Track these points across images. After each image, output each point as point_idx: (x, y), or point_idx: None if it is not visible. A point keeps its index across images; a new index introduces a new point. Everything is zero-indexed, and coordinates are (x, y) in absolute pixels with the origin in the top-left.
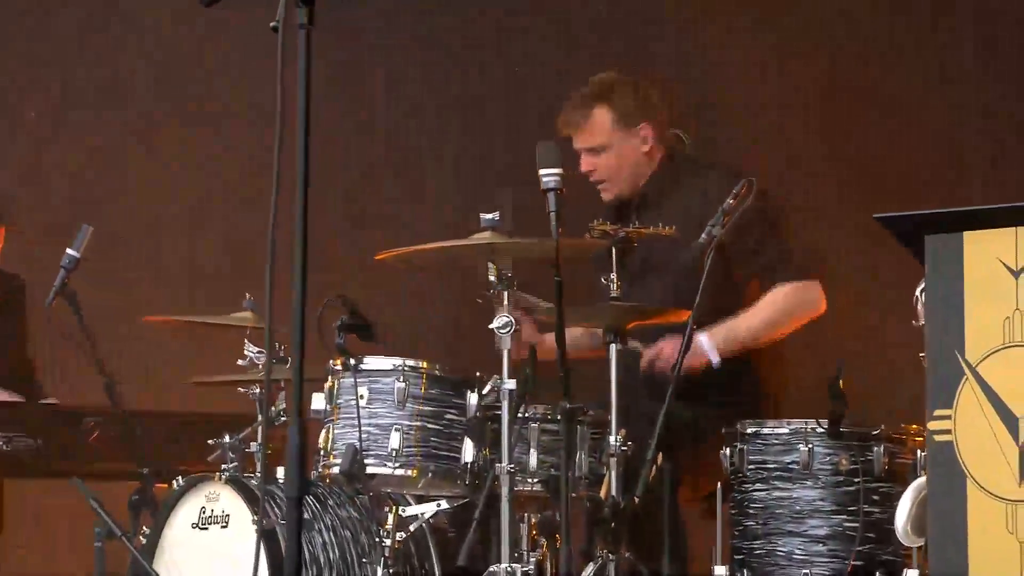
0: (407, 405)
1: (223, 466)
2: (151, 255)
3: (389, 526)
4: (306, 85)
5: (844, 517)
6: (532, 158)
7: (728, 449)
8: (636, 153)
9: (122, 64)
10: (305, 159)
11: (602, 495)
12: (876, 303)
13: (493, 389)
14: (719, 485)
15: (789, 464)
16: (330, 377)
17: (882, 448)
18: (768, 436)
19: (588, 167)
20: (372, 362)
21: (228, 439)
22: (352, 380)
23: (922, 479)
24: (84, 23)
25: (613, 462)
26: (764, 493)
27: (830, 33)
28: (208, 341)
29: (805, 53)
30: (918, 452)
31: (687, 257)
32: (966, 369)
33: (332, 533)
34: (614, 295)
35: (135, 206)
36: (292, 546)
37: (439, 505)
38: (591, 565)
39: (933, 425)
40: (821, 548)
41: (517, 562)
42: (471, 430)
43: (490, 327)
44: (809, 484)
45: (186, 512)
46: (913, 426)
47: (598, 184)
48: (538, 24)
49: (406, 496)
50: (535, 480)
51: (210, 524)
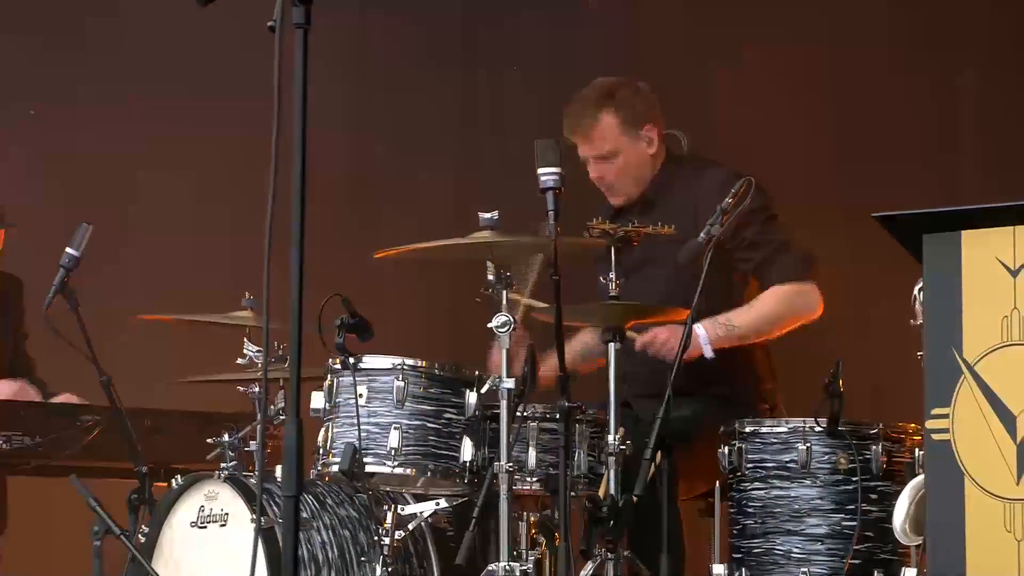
0: (406, 404)
1: (222, 465)
2: (151, 254)
3: (388, 525)
4: (304, 85)
5: (842, 516)
6: (530, 158)
7: (726, 448)
8: (644, 155)
9: (122, 63)
10: (303, 159)
11: (601, 494)
12: (874, 302)
13: (492, 387)
14: (717, 484)
15: (787, 463)
16: (329, 376)
17: (880, 447)
18: (766, 435)
19: (598, 174)
20: (371, 361)
21: (227, 438)
22: (351, 379)
23: (920, 478)
24: (84, 21)
25: (612, 461)
26: (762, 492)
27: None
28: (207, 340)
29: (805, 53)
30: (916, 451)
31: (686, 256)
32: (964, 368)
33: (331, 532)
34: (613, 294)
35: (135, 205)
36: (289, 544)
37: (438, 504)
38: (590, 564)
39: (931, 424)
40: (819, 547)
41: (516, 561)
42: (470, 429)
43: (489, 326)
44: (807, 483)
45: (185, 511)
46: (911, 425)
47: (606, 190)
48: (533, 25)
49: (405, 495)
50: (534, 479)
51: (209, 523)
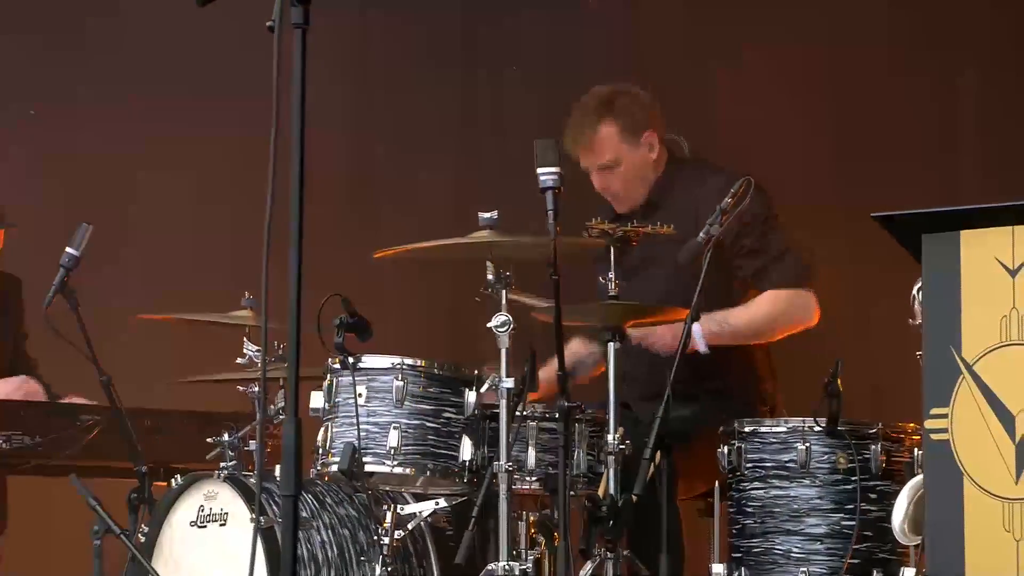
0: (405, 403)
1: (222, 464)
2: (151, 254)
3: (387, 524)
4: (302, 85)
5: (841, 515)
6: (530, 158)
7: (726, 448)
8: (646, 161)
9: (122, 63)
10: (301, 159)
11: (600, 493)
12: (874, 302)
13: (491, 387)
14: (717, 484)
15: (787, 463)
16: (328, 375)
17: (879, 446)
18: (766, 435)
19: (603, 184)
20: (370, 360)
21: (227, 437)
22: (351, 378)
23: (919, 477)
24: (84, 21)
25: (611, 460)
26: (762, 491)
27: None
28: (207, 340)
29: (805, 53)
30: (915, 450)
31: (685, 255)
32: (963, 368)
33: (331, 531)
34: (612, 294)
35: (135, 205)
36: (288, 543)
37: (437, 503)
38: (589, 563)
39: (930, 423)
40: (818, 546)
41: (515, 560)
42: (469, 428)
43: (488, 325)
44: (806, 482)
45: (185, 510)
46: (910, 424)
47: (613, 199)
48: (533, 25)
49: (404, 494)
50: (533, 478)
51: (209, 522)
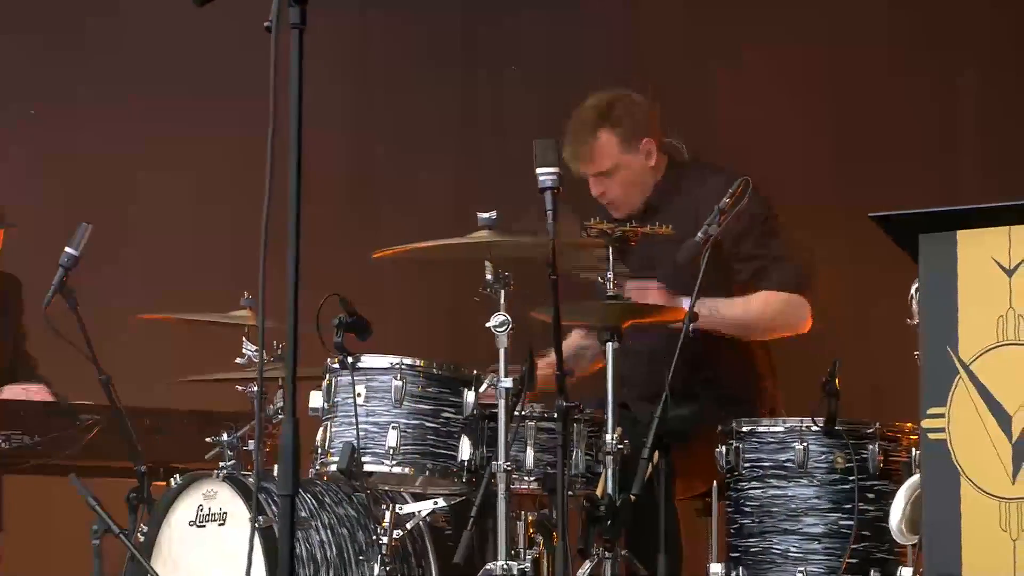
0: (404, 403)
1: (221, 464)
2: (151, 254)
3: (386, 524)
4: (299, 85)
5: (839, 515)
6: (530, 158)
7: (724, 447)
8: (644, 169)
9: (122, 63)
10: (299, 159)
11: (598, 493)
12: (874, 302)
13: (490, 387)
14: (715, 483)
15: (784, 462)
16: (328, 375)
17: (877, 446)
18: (763, 434)
19: (600, 190)
20: (369, 360)
21: (226, 437)
22: (350, 378)
23: (916, 477)
24: (84, 21)
25: (609, 460)
26: (760, 491)
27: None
28: (207, 339)
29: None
30: (913, 450)
31: (683, 255)
32: (960, 367)
33: (329, 531)
34: (611, 294)
35: (135, 205)
36: (286, 543)
37: (436, 503)
38: (587, 563)
39: (927, 423)
40: (816, 546)
41: (514, 560)
42: (468, 428)
43: (487, 325)
44: (804, 482)
45: (184, 510)
46: (908, 424)
47: (608, 205)
48: (533, 25)
49: (403, 494)
50: (532, 478)
51: (208, 522)
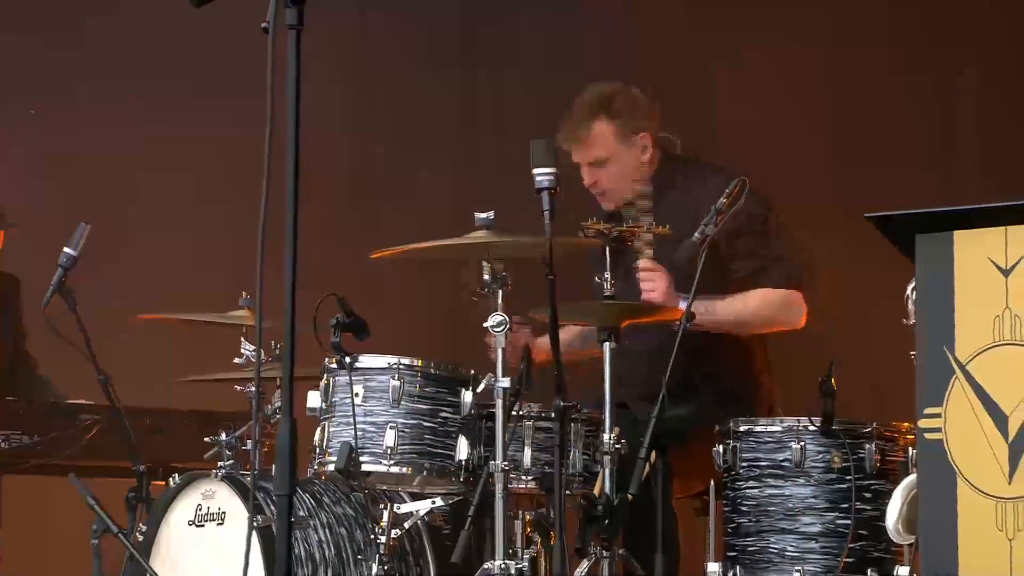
0: (402, 403)
1: (219, 463)
2: (151, 254)
3: (384, 523)
4: (296, 86)
5: (836, 514)
6: (526, 157)
7: (721, 447)
8: (637, 162)
9: (122, 63)
10: (296, 161)
11: (596, 492)
12: (874, 302)
13: (487, 387)
14: (712, 483)
15: (782, 462)
16: (325, 375)
17: (874, 446)
18: (761, 434)
19: (591, 180)
20: (367, 360)
21: (224, 437)
22: (347, 378)
23: (913, 477)
24: (84, 21)
25: (607, 459)
26: (757, 491)
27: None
28: (207, 339)
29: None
30: (909, 450)
31: (681, 255)
32: (956, 367)
33: (328, 530)
34: (608, 293)
35: (135, 205)
36: (283, 543)
37: (434, 502)
38: (585, 562)
39: (923, 423)
40: (813, 545)
41: (511, 559)
42: (466, 428)
43: (484, 325)
44: (801, 481)
45: (182, 509)
46: (904, 424)
47: (599, 195)
48: (533, 25)
49: (401, 493)
50: (529, 478)
51: (206, 521)
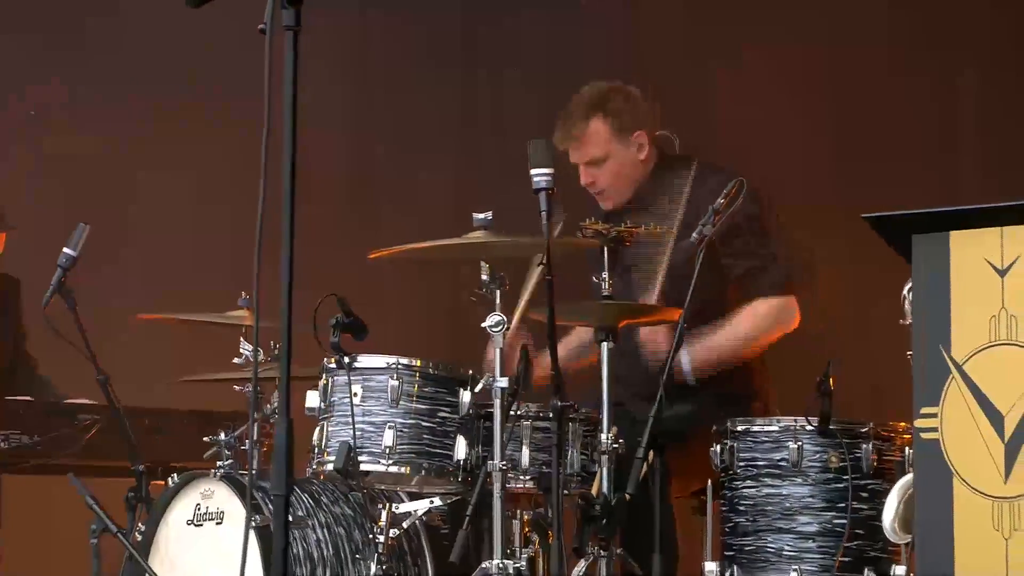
0: (400, 403)
1: (218, 463)
2: (150, 254)
3: (382, 523)
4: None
5: (833, 514)
6: (526, 157)
7: (718, 446)
8: (634, 160)
9: (122, 63)
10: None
11: (594, 492)
12: (874, 302)
13: (486, 386)
14: (709, 482)
15: (779, 461)
16: (324, 375)
17: (870, 445)
18: (758, 433)
19: (588, 179)
20: (366, 360)
21: (223, 436)
22: (346, 378)
23: (909, 476)
24: (84, 21)
25: (604, 459)
26: (754, 490)
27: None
28: (207, 339)
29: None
30: (906, 449)
31: (678, 256)
32: (952, 367)
33: (326, 530)
34: (606, 293)
35: (135, 205)
36: (280, 542)
37: (432, 502)
38: (583, 562)
39: (920, 423)
40: (810, 544)
41: (509, 559)
42: (464, 427)
43: (483, 325)
44: (798, 481)
45: (181, 509)
46: (901, 423)
47: (597, 194)
48: (533, 25)
49: (399, 493)
50: (527, 477)
51: (205, 521)
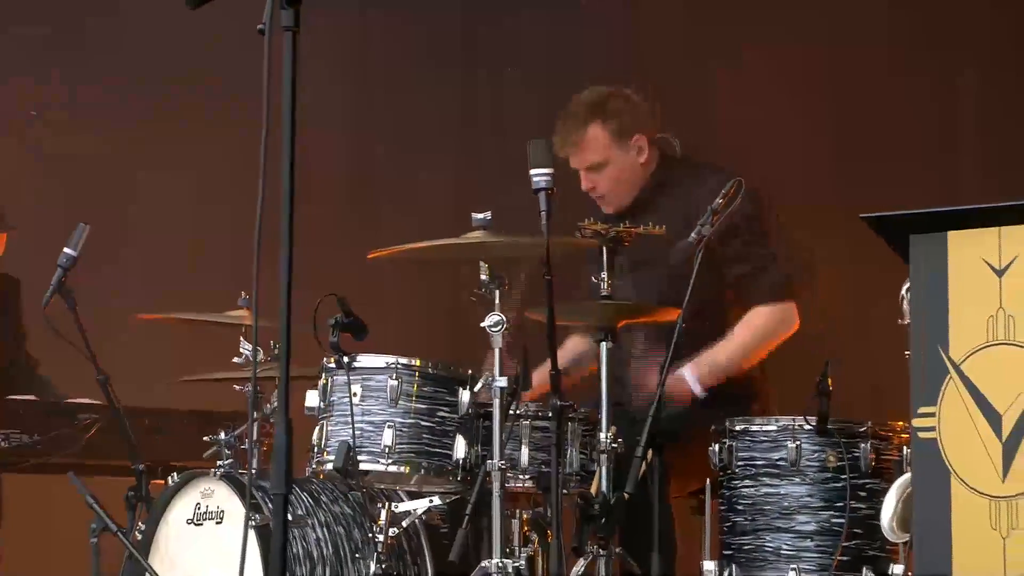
0: (400, 402)
1: (218, 463)
2: (150, 254)
3: (382, 522)
4: (292, 88)
5: (831, 513)
6: (526, 157)
7: (717, 446)
8: (634, 164)
9: (122, 63)
10: (291, 164)
11: (592, 491)
12: (874, 302)
13: (485, 386)
14: (708, 481)
15: (777, 461)
16: (324, 375)
17: (869, 445)
18: (756, 433)
19: (589, 184)
20: (365, 360)
21: (223, 436)
22: (346, 377)
23: (907, 475)
24: (84, 21)
25: (603, 459)
26: (752, 489)
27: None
28: (207, 339)
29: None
30: (904, 449)
31: (677, 256)
32: (950, 367)
33: (326, 529)
34: (605, 294)
35: (135, 205)
36: (279, 541)
37: (431, 501)
38: (581, 561)
39: (918, 422)
40: (808, 544)
41: (508, 558)
42: (463, 427)
43: (482, 325)
44: (797, 480)
45: (181, 508)
46: (899, 423)
47: (598, 199)
48: (533, 25)
49: (399, 492)
50: (526, 477)
51: (205, 520)
